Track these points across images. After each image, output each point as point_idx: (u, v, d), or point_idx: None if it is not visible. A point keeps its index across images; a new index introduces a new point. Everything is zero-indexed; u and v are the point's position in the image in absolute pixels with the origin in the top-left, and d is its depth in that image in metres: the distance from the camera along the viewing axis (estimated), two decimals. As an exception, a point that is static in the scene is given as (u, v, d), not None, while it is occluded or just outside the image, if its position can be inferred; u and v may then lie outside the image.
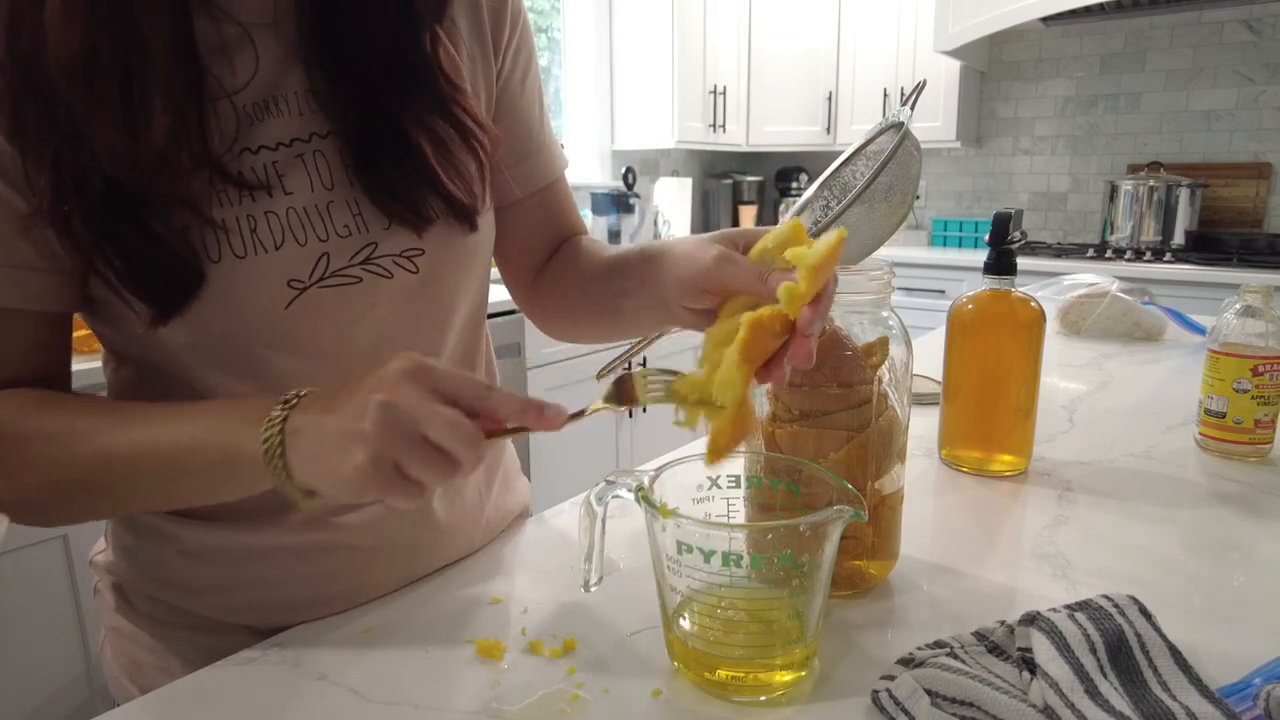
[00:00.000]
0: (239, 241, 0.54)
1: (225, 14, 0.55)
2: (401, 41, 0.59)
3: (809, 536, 0.48)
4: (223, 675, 0.55)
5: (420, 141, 0.59)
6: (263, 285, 0.55)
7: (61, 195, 0.49)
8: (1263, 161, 3.16)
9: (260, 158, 0.56)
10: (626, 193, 3.37)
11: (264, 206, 0.55)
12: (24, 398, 0.55)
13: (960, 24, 3.16)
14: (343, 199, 0.58)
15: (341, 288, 0.58)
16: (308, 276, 0.57)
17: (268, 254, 0.55)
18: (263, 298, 0.56)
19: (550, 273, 0.78)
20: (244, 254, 0.54)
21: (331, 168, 0.58)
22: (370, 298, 0.60)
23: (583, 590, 0.56)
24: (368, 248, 0.59)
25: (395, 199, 0.59)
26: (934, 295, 3.29)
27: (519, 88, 0.72)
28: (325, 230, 0.57)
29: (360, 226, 0.59)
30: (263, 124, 0.56)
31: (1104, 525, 0.75)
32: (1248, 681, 0.50)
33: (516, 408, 0.47)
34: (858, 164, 0.74)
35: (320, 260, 0.57)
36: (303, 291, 0.57)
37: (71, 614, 1.57)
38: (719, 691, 0.51)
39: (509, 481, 0.81)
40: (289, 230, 0.56)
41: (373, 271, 0.59)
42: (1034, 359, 0.85)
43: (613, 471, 0.54)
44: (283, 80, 0.57)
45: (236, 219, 0.54)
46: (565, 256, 0.78)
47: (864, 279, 0.60)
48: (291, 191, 0.56)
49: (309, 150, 0.57)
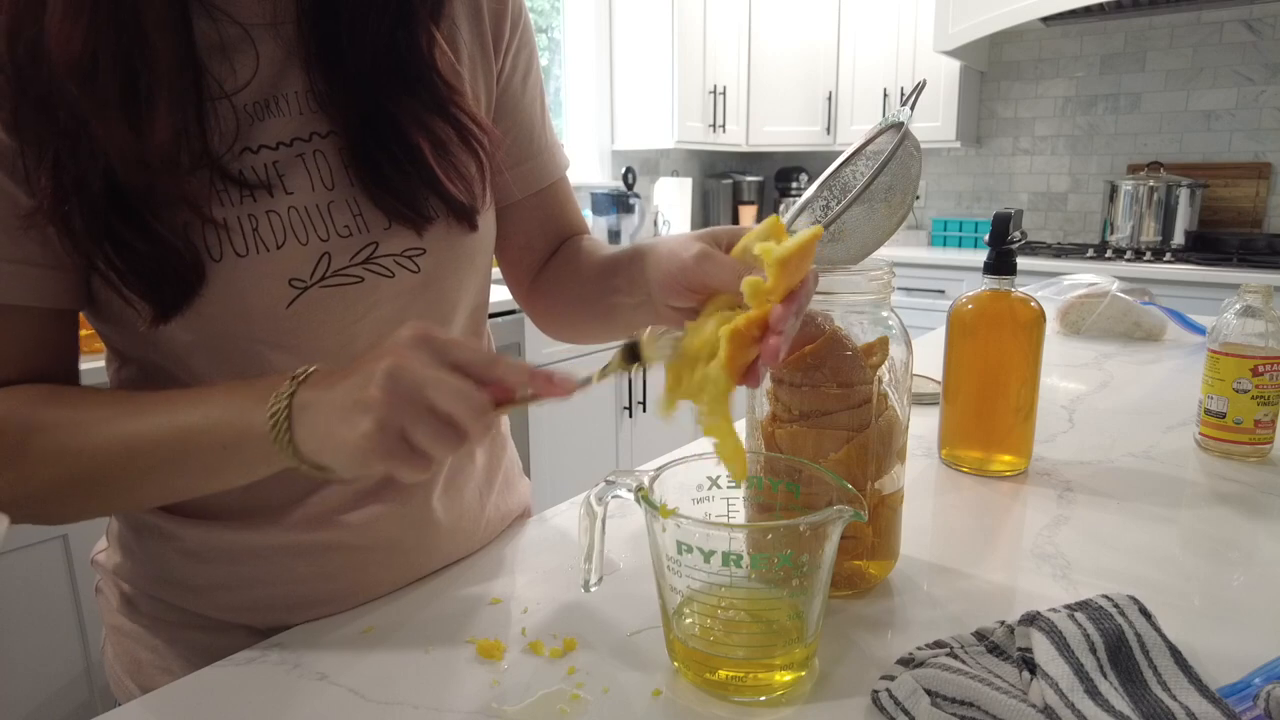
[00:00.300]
0: (240, 240, 0.54)
1: (225, 15, 0.55)
2: (398, 42, 0.59)
3: (809, 536, 0.48)
4: (223, 675, 0.55)
5: (419, 141, 0.59)
6: (264, 284, 0.55)
7: (61, 195, 0.49)
8: (1263, 161, 3.16)
9: (261, 157, 0.56)
10: (626, 193, 3.37)
11: (265, 206, 0.55)
12: (30, 392, 0.54)
13: (960, 24, 3.16)
14: (343, 199, 0.58)
15: (343, 287, 0.58)
16: (309, 276, 0.57)
17: (269, 252, 0.55)
18: (264, 296, 0.56)
19: (549, 272, 0.78)
20: (245, 252, 0.55)
21: (332, 168, 0.58)
22: (372, 297, 0.60)
23: (583, 590, 0.56)
24: (368, 247, 0.59)
25: (395, 199, 0.59)
26: (934, 295, 3.29)
27: (520, 89, 0.72)
28: (326, 230, 0.57)
29: (361, 226, 0.59)
30: (263, 123, 0.56)
31: (1104, 525, 0.75)
32: (1248, 681, 0.50)
33: (525, 376, 0.46)
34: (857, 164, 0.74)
35: (321, 259, 0.57)
36: (304, 291, 0.57)
37: (71, 614, 1.57)
38: (719, 692, 0.51)
39: (509, 481, 0.81)
40: (290, 229, 0.56)
41: (374, 271, 0.59)
42: (1034, 359, 0.85)
43: (613, 471, 0.54)
44: (282, 80, 0.58)
45: (238, 218, 0.54)
46: (564, 256, 0.78)
47: (864, 279, 0.60)
48: (292, 191, 0.56)
49: (309, 150, 0.58)
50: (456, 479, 0.71)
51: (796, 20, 3.70)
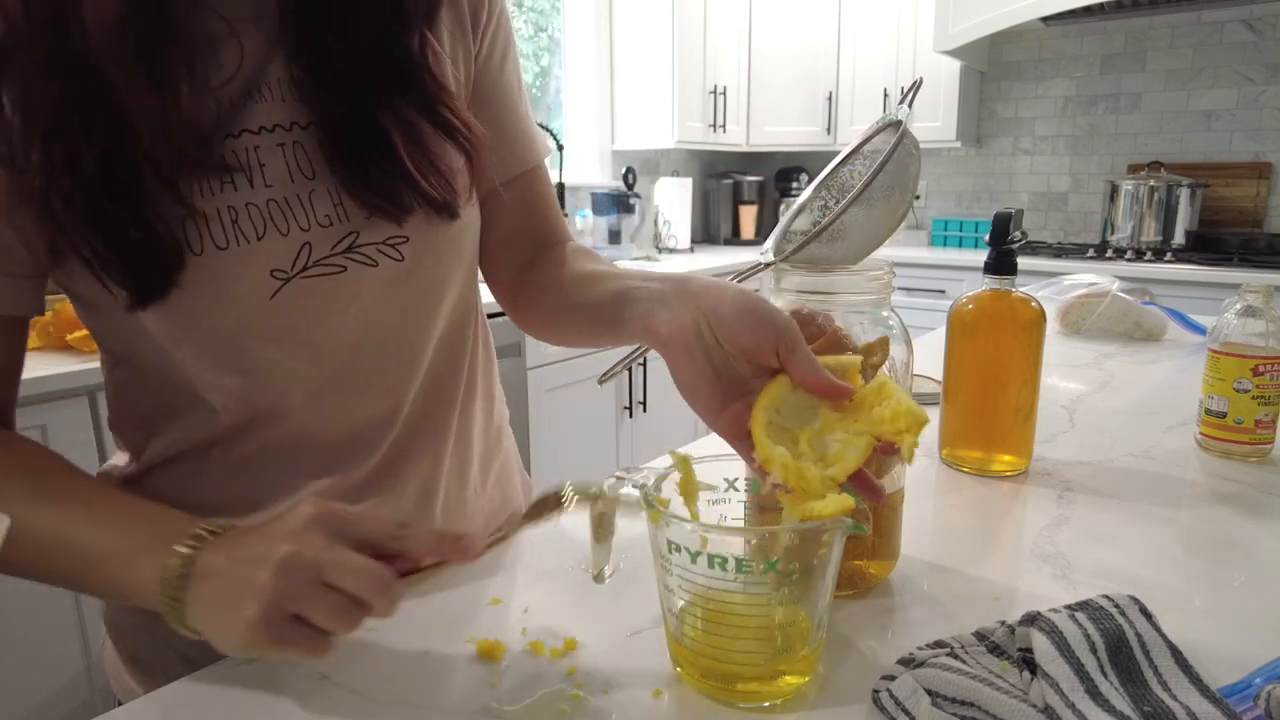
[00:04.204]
0: (220, 233, 0.54)
1: (210, 9, 0.55)
2: (389, 41, 0.59)
3: (798, 544, 0.48)
4: (223, 675, 0.55)
5: (395, 139, 0.59)
6: (246, 276, 0.56)
7: (52, 171, 0.49)
8: (1263, 161, 3.16)
9: (242, 141, 0.56)
10: (627, 193, 3.37)
11: (245, 198, 0.55)
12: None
13: (960, 24, 3.16)
14: (324, 188, 0.58)
15: (326, 277, 0.58)
16: (290, 266, 0.57)
17: (249, 244, 0.55)
18: (246, 288, 0.56)
19: (532, 286, 0.75)
20: (226, 245, 0.55)
21: (311, 158, 0.58)
22: (355, 286, 0.60)
23: (595, 582, 0.56)
24: (349, 236, 0.59)
25: (372, 192, 0.59)
26: (934, 295, 3.29)
27: (498, 69, 0.72)
28: (306, 220, 0.57)
29: (341, 216, 0.59)
30: (244, 110, 0.56)
31: (1104, 525, 0.75)
32: (1248, 681, 0.50)
33: (431, 544, 0.48)
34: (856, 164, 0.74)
35: (303, 249, 0.57)
36: (286, 281, 0.57)
37: (72, 614, 1.57)
38: (719, 694, 0.51)
39: (509, 481, 0.81)
40: (270, 220, 0.56)
41: (357, 260, 0.59)
42: (1034, 359, 0.85)
43: (624, 467, 0.53)
44: (264, 69, 0.58)
45: (218, 210, 0.54)
46: (548, 269, 0.74)
47: (864, 279, 0.60)
48: (271, 184, 0.57)
49: (289, 140, 0.58)
50: (452, 470, 0.71)
51: (796, 20, 3.70)
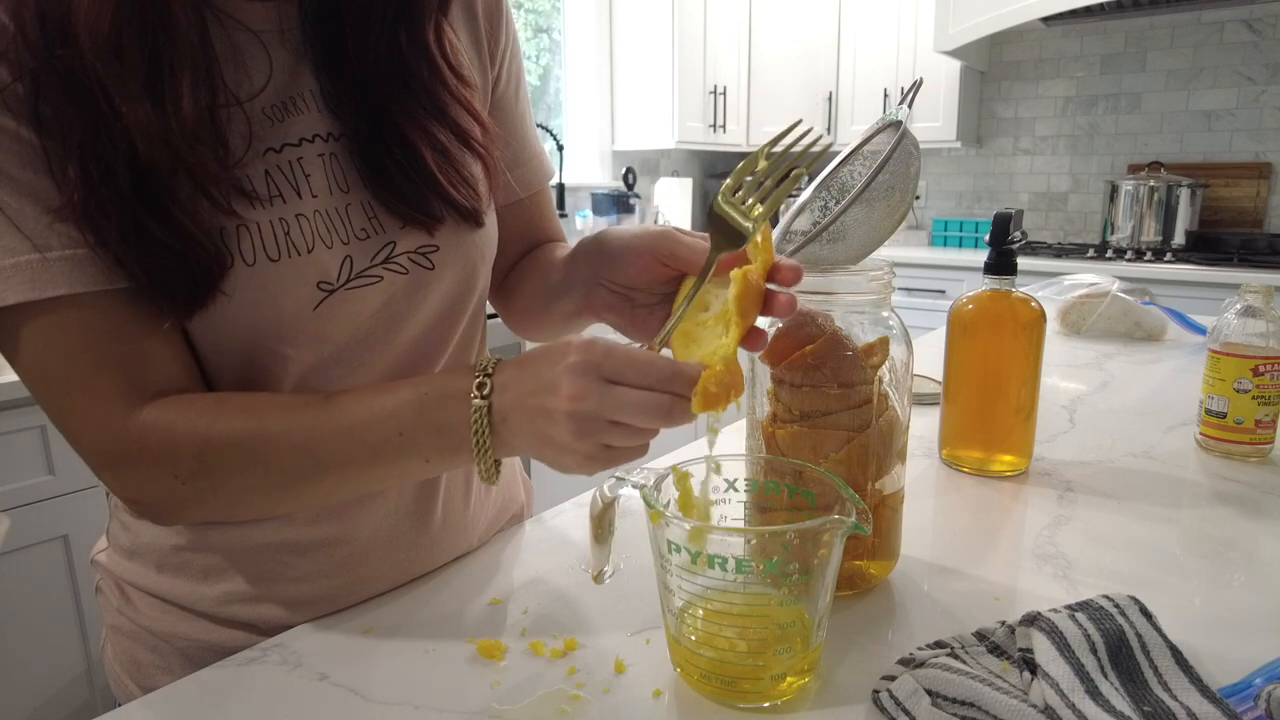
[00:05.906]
0: (274, 245, 0.55)
1: (235, 21, 0.56)
2: (402, 42, 0.59)
3: (798, 544, 0.48)
4: (223, 675, 0.55)
5: (421, 147, 0.60)
6: (296, 288, 0.56)
7: (90, 185, 0.49)
8: (1263, 161, 3.16)
9: (284, 155, 0.56)
10: (627, 193, 3.37)
11: (294, 209, 0.56)
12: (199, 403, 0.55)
13: (960, 24, 3.16)
14: (359, 201, 0.59)
15: (364, 288, 0.59)
16: (335, 278, 0.58)
17: (300, 256, 0.56)
18: (294, 300, 0.56)
19: (515, 273, 0.79)
20: (278, 257, 0.55)
21: (344, 170, 0.59)
22: (387, 293, 0.61)
23: (594, 582, 0.56)
24: (387, 247, 0.60)
25: (404, 203, 0.60)
26: (934, 295, 3.29)
27: (514, 95, 0.74)
28: (347, 233, 0.58)
29: (378, 227, 0.60)
30: (283, 123, 0.57)
31: (1104, 525, 0.75)
32: (1248, 682, 0.50)
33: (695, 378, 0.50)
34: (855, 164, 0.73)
35: (345, 262, 0.58)
36: (331, 293, 0.57)
37: (72, 614, 1.57)
38: (719, 694, 0.51)
39: (509, 482, 0.81)
40: (317, 233, 0.57)
41: (393, 270, 0.60)
42: (1034, 359, 0.85)
43: (624, 468, 0.53)
44: (296, 81, 0.58)
45: (270, 222, 0.55)
46: (531, 257, 0.78)
47: (864, 279, 0.60)
48: (317, 194, 0.57)
49: (327, 151, 0.58)
50: (454, 473, 0.71)
51: (797, 21, 3.71)
